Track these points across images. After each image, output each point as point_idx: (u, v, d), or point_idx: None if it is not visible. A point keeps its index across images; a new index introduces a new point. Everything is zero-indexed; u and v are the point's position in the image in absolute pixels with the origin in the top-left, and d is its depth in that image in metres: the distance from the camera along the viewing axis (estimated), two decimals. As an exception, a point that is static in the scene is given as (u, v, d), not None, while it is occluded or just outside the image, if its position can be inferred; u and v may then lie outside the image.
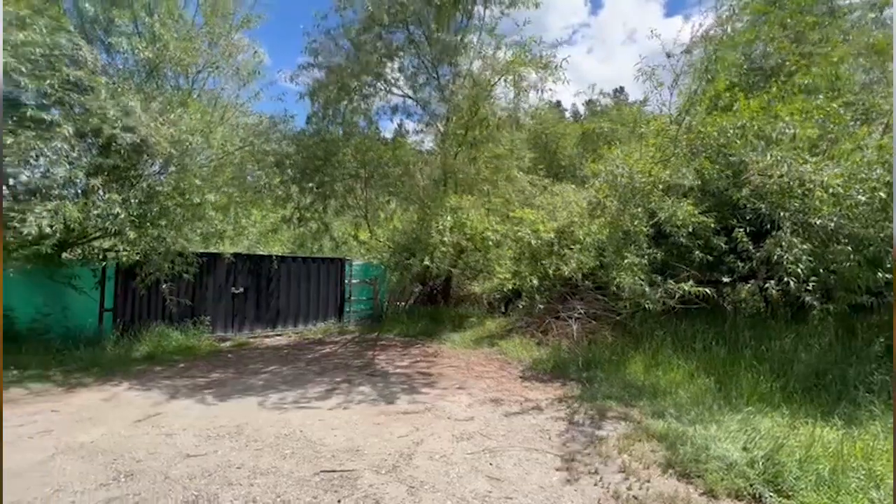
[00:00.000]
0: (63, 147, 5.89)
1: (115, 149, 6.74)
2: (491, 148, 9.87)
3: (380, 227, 11.29)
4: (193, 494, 3.13)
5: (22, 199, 6.26)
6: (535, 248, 7.95)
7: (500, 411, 5.03)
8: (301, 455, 3.82)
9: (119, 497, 3.09)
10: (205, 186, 7.69)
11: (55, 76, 5.93)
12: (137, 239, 6.88)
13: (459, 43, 9.27)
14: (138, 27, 7.71)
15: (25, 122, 5.78)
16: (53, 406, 5.09)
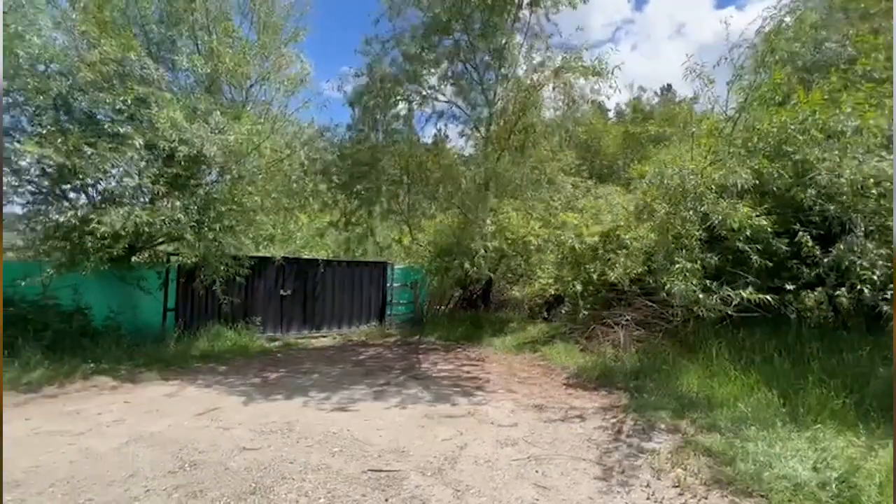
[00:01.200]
0: (134, 158, 6.40)
1: (177, 159, 7.24)
2: (535, 152, 9.79)
3: (421, 232, 11.44)
4: (251, 486, 3.29)
5: (98, 206, 6.85)
6: (578, 253, 7.78)
7: (545, 418, 4.94)
8: (349, 453, 3.93)
9: (185, 484, 3.30)
10: (256, 193, 8.11)
11: (127, 93, 6.46)
12: (196, 242, 7.35)
13: (505, 47, 9.28)
14: (198, 46, 8.27)
15: (103, 136, 6.33)
16: (125, 398, 5.52)
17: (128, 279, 8.29)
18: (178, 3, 7.48)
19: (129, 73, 6.58)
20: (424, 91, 10.18)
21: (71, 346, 7.10)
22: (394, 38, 9.59)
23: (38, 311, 7.22)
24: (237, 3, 8.67)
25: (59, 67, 6.34)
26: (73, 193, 7.57)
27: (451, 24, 9.28)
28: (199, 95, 7.56)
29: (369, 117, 10.11)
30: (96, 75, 6.20)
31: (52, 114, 6.39)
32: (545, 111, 9.58)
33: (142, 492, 3.18)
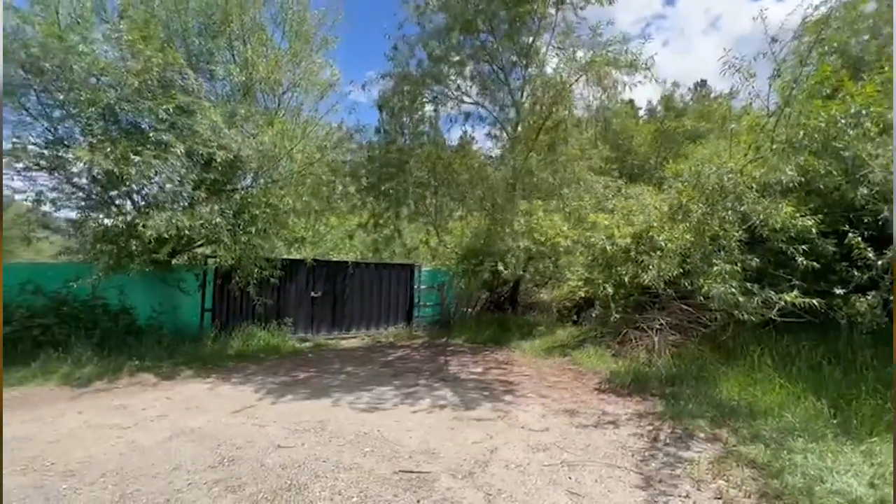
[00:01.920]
0: (176, 165, 6.70)
1: (214, 165, 7.52)
2: (564, 150, 9.64)
3: (448, 234, 11.46)
4: (286, 482, 3.37)
5: (143, 211, 7.20)
6: (609, 255, 7.60)
7: (577, 423, 4.84)
8: (380, 454, 3.96)
9: (224, 479, 3.41)
10: (288, 195, 8.34)
11: (169, 102, 6.77)
12: (233, 245, 7.61)
13: (532, 46, 9.20)
14: (234, 56, 8.58)
15: (147, 144, 6.66)
16: (167, 394, 5.77)
17: (169, 280, 8.68)
18: (217, 16, 7.79)
19: (172, 83, 6.89)
20: (451, 93, 10.22)
21: (117, 343, 7.48)
22: (420, 40, 9.66)
23: (88, 310, 7.66)
24: (271, 14, 8.96)
25: (108, 79, 6.71)
26: (119, 199, 7.98)
27: (477, 25, 9.28)
28: (236, 102, 7.85)
29: (396, 120, 10.22)
30: (142, 86, 6.53)
31: (101, 124, 6.76)
32: (575, 109, 9.42)
33: (184, 485, 3.31)
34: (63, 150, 7.31)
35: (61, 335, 7.08)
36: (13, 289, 7.40)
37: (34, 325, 7.01)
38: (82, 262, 8.06)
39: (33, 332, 6.97)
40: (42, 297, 7.41)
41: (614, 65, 8.73)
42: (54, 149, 7.18)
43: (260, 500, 3.10)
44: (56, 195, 7.47)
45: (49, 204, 7.53)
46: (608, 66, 8.70)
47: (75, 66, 6.24)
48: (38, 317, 7.15)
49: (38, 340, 6.93)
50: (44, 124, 7.21)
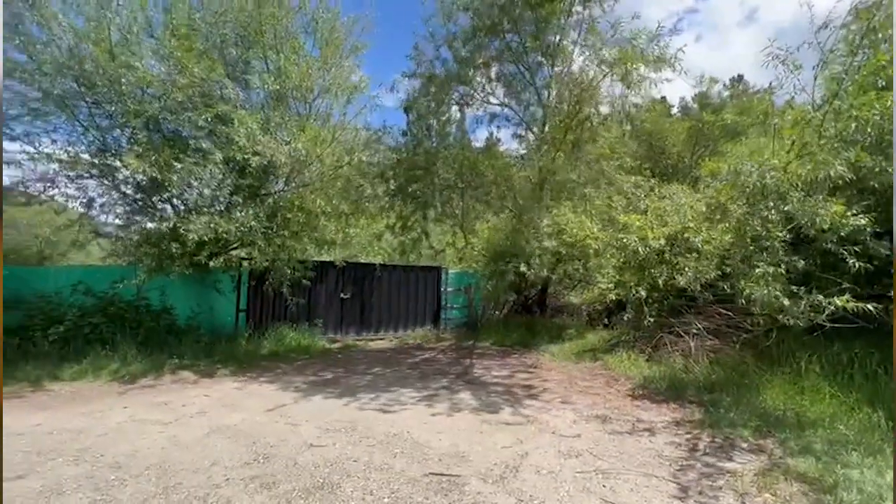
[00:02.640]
0: (215, 171, 6.97)
1: (248, 170, 7.78)
2: (592, 149, 9.45)
3: (475, 236, 11.44)
4: (318, 481, 3.42)
5: (183, 216, 7.51)
6: (642, 257, 7.37)
7: (610, 430, 4.71)
8: (410, 455, 3.97)
9: (259, 475, 3.49)
10: (318, 198, 8.53)
11: (208, 111, 7.06)
12: (266, 247, 7.84)
13: (559, 45, 9.08)
14: (267, 65, 8.86)
15: (187, 151, 6.96)
16: (205, 391, 5.98)
17: (206, 282, 9.01)
18: (252, 27, 8.05)
19: (211, 93, 7.17)
20: (476, 94, 10.20)
21: (159, 342, 7.82)
22: (445, 41, 9.68)
23: (132, 310, 8.04)
24: (302, 23, 9.19)
25: (153, 91, 7.05)
26: (161, 204, 8.37)
27: (503, 25, 9.23)
28: (270, 110, 8.10)
29: (423, 122, 10.29)
30: (184, 97, 6.83)
31: (145, 133, 7.11)
32: (603, 106, 9.22)
33: (222, 480, 3.41)
34: (111, 159, 7.74)
35: (108, 333, 7.47)
36: (66, 289, 7.86)
37: (85, 324, 7.42)
38: (127, 264, 8.49)
39: (84, 330, 7.38)
40: (91, 298, 7.84)
41: (641, 61, 8.50)
42: (103, 157, 7.61)
43: (294, 498, 3.16)
44: (104, 201, 7.91)
45: (98, 209, 7.99)
46: (635, 63, 8.47)
47: (124, 80, 6.60)
48: (88, 316, 7.56)
49: (88, 338, 7.33)
50: (93, 134, 7.65)
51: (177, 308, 8.68)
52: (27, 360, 6.59)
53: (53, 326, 7.14)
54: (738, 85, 21.94)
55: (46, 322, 7.22)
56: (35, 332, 7.09)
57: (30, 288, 7.93)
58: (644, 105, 11.25)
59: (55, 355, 6.87)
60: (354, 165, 9.17)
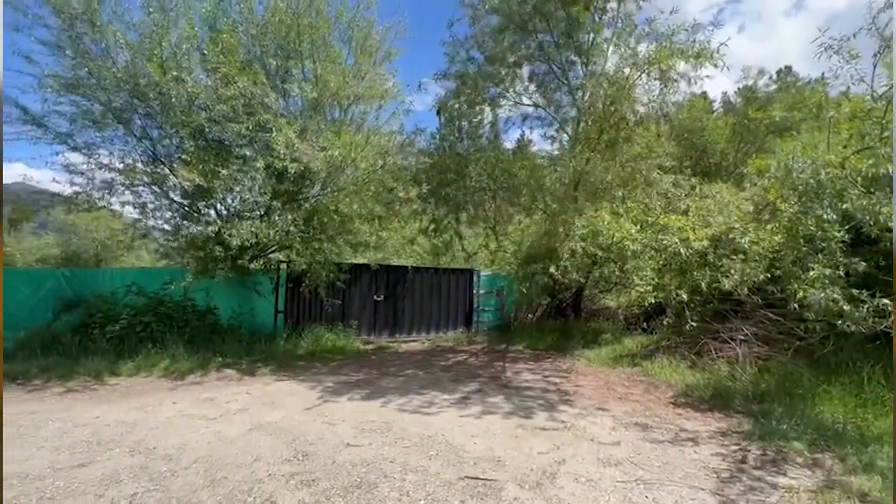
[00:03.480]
0: (256, 178, 7.26)
1: (287, 176, 8.04)
2: (627, 149, 9.18)
3: (507, 238, 11.35)
4: (356, 480, 3.48)
5: (226, 221, 7.86)
6: (684, 259, 7.08)
7: (651, 439, 4.54)
8: (445, 458, 3.97)
9: (300, 473, 3.59)
10: (353, 202, 8.71)
11: (250, 120, 7.36)
12: (303, 250, 8.08)
13: (592, 43, 8.90)
14: (304, 73, 9.14)
15: (231, 159, 7.28)
16: (247, 389, 6.22)
17: (246, 284, 9.38)
18: (290, 38, 8.35)
19: (252, 102, 7.48)
20: (508, 94, 10.13)
21: (203, 341, 8.20)
22: (476, 42, 9.65)
23: (180, 310, 8.47)
24: (338, 32, 9.44)
25: (200, 102, 7.42)
26: (205, 209, 8.78)
27: (533, 23, 9.13)
28: (308, 118, 8.37)
29: (454, 124, 10.31)
30: (229, 108, 7.17)
31: (192, 142, 7.49)
32: (639, 105, 8.93)
33: (265, 475, 3.53)
34: (161, 167, 8.21)
35: (159, 332, 7.90)
36: (120, 290, 8.39)
37: (137, 323, 7.88)
38: (176, 266, 8.96)
39: (137, 328, 7.83)
40: (143, 298, 8.32)
41: (680, 56, 8.19)
42: (154, 166, 8.08)
43: (333, 496, 3.22)
44: (155, 207, 8.38)
45: (149, 215, 8.48)
46: (673, 60, 8.17)
47: (174, 93, 6.99)
48: (141, 315, 8.02)
49: (141, 336, 7.78)
50: (146, 144, 8.14)
51: (220, 308, 9.08)
52: (88, 356, 7.07)
53: (110, 325, 7.62)
54: (786, 77, 20.75)
55: (104, 320, 7.72)
56: (94, 330, 7.59)
57: (89, 289, 8.52)
58: (683, 102, 10.83)
59: (112, 352, 7.34)
60: (388, 169, 9.31)
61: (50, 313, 8.13)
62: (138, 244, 11.81)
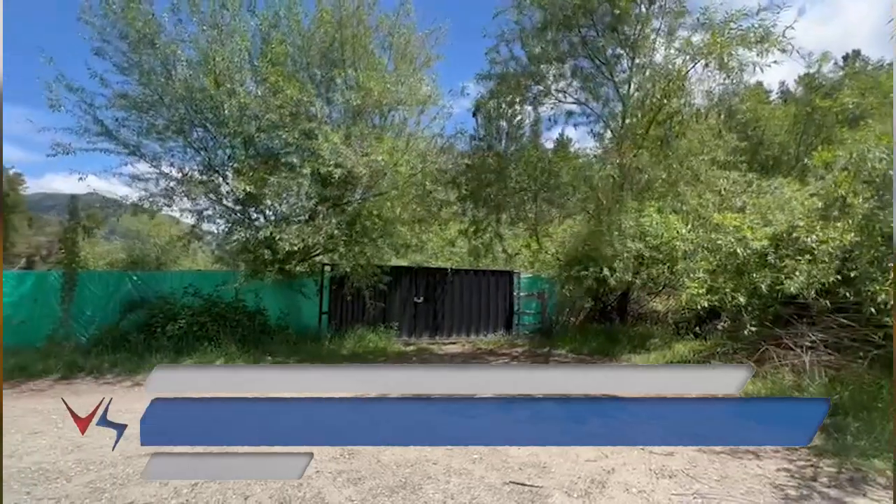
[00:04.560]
0: (303, 184, 7.54)
1: (331, 181, 8.29)
2: (678, 144, 8.75)
3: (549, 239, 11.12)
4: (401, 480, 3.50)
5: (275, 225, 8.20)
6: (741, 259, 6.65)
7: (708, 450, 4.27)
8: (489, 462, 3.92)
9: (346, 471, 3.66)
10: (394, 206, 8.85)
11: (296, 128, 7.65)
12: (347, 254, 8.28)
13: (640, 35, 8.57)
14: (347, 81, 9.41)
15: (279, 167, 7.61)
16: (294, 387, 6.42)
17: (293, 286, 9.74)
18: (334, 47, 8.62)
19: (299, 111, 7.79)
20: (550, 92, 9.92)
21: (253, 340, 8.57)
22: (518, 38, 9.51)
23: (232, 311, 8.90)
24: (379, 40, 9.66)
25: (250, 112, 7.81)
26: (255, 214, 9.21)
27: (577, 18, 8.89)
28: (350, 124, 8.62)
29: (493, 125, 10.22)
30: (277, 117, 7.50)
31: (243, 151, 7.89)
32: (692, 98, 8.49)
33: (313, 471, 3.62)
34: (215, 176, 8.70)
35: (213, 331, 8.34)
36: (178, 292, 8.94)
37: (194, 323, 8.35)
38: (228, 269, 9.45)
39: (194, 328, 8.30)
40: (199, 299, 8.82)
41: (740, 43, 7.70)
42: (209, 174, 8.57)
43: (379, 495, 3.26)
44: (210, 213, 8.89)
45: (204, 220, 9.01)
46: (732, 47, 7.70)
47: (227, 105, 7.40)
48: (197, 315, 8.50)
49: (197, 335, 8.24)
50: (202, 155, 8.65)
51: (268, 310, 9.46)
52: (152, 353, 7.58)
53: (171, 324, 8.13)
54: (854, 62, 19.07)
55: (165, 320, 8.24)
56: (157, 329, 8.13)
57: (151, 290, 9.14)
58: (740, 93, 10.19)
59: (172, 349, 7.82)
60: (427, 173, 9.39)
61: (118, 313, 8.79)
62: (194, 248, 12.54)
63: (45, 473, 3.53)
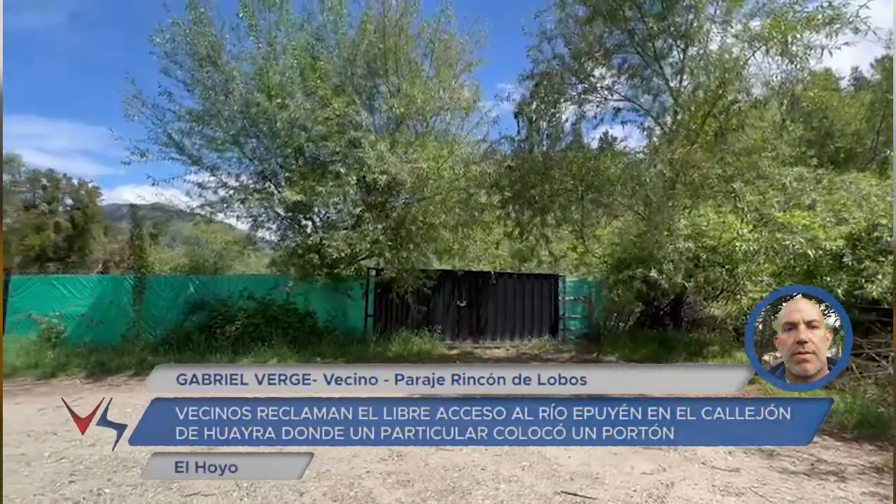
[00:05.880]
0: (350, 192, 7.78)
1: (376, 188, 8.48)
2: (737, 138, 8.20)
3: (596, 242, 10.78)
4: (449, 484, 3.48)
5: (323, 231, 8.50)
6: (812, 261, 6.14)
7: (780, 468, 3.95)
8: (538, 470, 3.82)
9: (395, 472, 3.69)
10: (438, 211, 8.91)
11: (342, 138, 7.91)
12: (392, 258, 8.43)
13: (691, 24, 8.16)
14: (389, 89, 9.61)
15: (327, 175, 7.90)
16: (343, 388, 6.59)
17: (340, 289, 10.01)
18: (378, 57, 8.85)
19: (345, 122, 8.05)
20: (595, 89, 9.61)
21: (304, 341, 8.88)
22: (561, 35, 9.29)
23: (283, 313, 9.28)
24: (420, 48, 9.80)
25: (300, 124, 8.16)
26: (304, 221, 9.58)
27: (622, 11, 8.58)
28: (394, 131, 8.81)
29: (535, 125, 10.03)
30: (325, 129, 7.80)
31: (293, 161, 8.25)
32: (752, 87, 7.93)
33: (363, 472, 3.68)
34: (268, 185, 9.14)
35: (267, 332, 8.73)
36: (234, 294, 9.44)
37: (250, 324, 8.79)
38: (279, 274, 9.87)
39: (249, 329, 8.74)
40: (253, 302, 9.27)
41: (807, 26, 7.11)
42: (263, 183, 9.02)
43: (428, 498, 3.25)
44: (263, 219, 9.35)
45: (258, 226, 9.48)
46: (796, 30, 7.12)
47: (279, 117, 7.78)
48: (252, 317, 8.94)
49: (252, 336, 8.66)
50: (255, 165, 9.13)
51: (317, 312, 9.79)
52: (213, 353, 8.04)
53: (228, 325, 8.60)
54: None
55: (223, 321, 8.73)
56: (216, 330, 8.62)
57: (211, 294, 9.70)
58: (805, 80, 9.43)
59: (229, 348, 8.26)
60: (470, 177, 9.38)
61: (182, 314, 9.41)
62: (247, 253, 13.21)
63: (123, 462, 3.81)
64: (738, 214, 7.53)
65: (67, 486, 3.41)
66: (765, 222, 7.43)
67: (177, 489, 3.34)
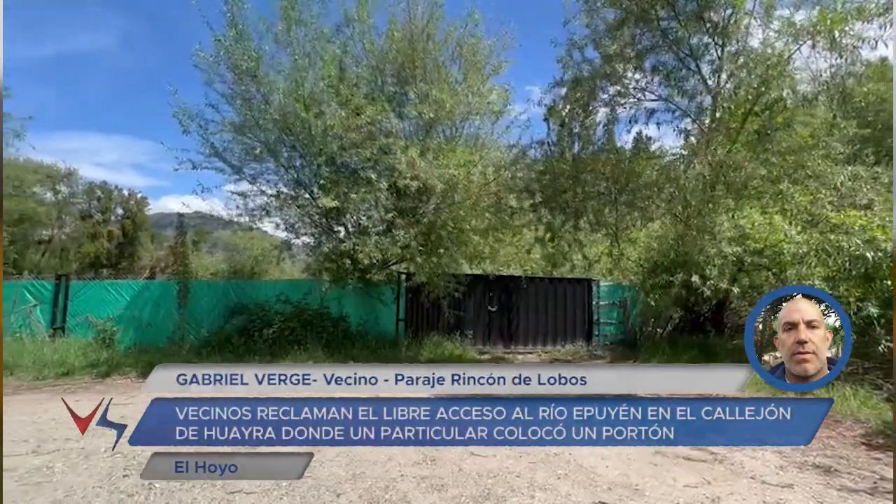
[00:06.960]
0: (380, 198, 7.91)
1: (406, 193, 8.58)
2: (782, 137, 7.80)
3: (631, 245, 10.48)
4: (484, 490, 3.45)
5: (355, 237, 8.66)
6: (871, 264, 5.73)
7: (838, 485, 3.69)
8: (574, 479, 3.73)
9: (428, 476, 3.69)
10: (469, 216, 8.91)
11: (374, 145, 8.07)
12: (423, 263, 8.50)
13: (729, 20, 7.86)
14: (419, 95, 9.72)
15: (359, 182, 8.07)
16: (376, 391, 6.67)
17: (371, 294, 10.17)
18: (406, 64, 8.99)
19: (377, 129, 8.22)
20: (627, 91, 9.40)
21: (337, 345, 9.06)
22: (590, 40, 9.14)
23: (318, 317, 9.51)
24: (447, 52, 9.88)
25: (333, 132, 8.38)
26: (337, 227, 9.80)
27: (654, 11, 8.36)
28: (424, 137, 8.91)
29: (566, 129, 9.89)
30: (358, 136, 7.99)
31: (327, 169, 8.47)
32: (798, 83, 7.53)
33: (398, 475, 3.71)
34: (303, 192, 9.42)
35: (302, 336, 8.96)
36: (271, 299, 9.74)
37: (286, 328, 9.04)
38: (313, 279, 10.13)
39: (285, 332, 8.99)
40: (289, 306, 9.54)
41: (857, 17, 6.72)
42: (298, 191, 9.31)
43: (463, 503, 3.23)
44: (299, 226, 9.63)
45: (294, 233, 9.78)
46: (845, 22, 6.73)
47: (313, 126, 8.03)
48: (288, 321, 9.20)
49: (288, 339, 8.91)
50: (291, 173, 9.43)
51: (350, 316, 9.97)
52: (251, 355, 8.33)
53: (266, 329, 8.88)
54: None
55: (261, 325, 9.03)
56: (254, 333, 8.92)
57: (249, 298, 10.06)
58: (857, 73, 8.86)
59: (267, 351, 8.53)
60: (501, 181, 9.35)
61: (223, 318, 9.80)
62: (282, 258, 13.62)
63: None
64: (786, 216, 7.14)
65: (122, 480, 3.59)
66: (815, 223, 7.01)
67: (221, 486, 3.46)
